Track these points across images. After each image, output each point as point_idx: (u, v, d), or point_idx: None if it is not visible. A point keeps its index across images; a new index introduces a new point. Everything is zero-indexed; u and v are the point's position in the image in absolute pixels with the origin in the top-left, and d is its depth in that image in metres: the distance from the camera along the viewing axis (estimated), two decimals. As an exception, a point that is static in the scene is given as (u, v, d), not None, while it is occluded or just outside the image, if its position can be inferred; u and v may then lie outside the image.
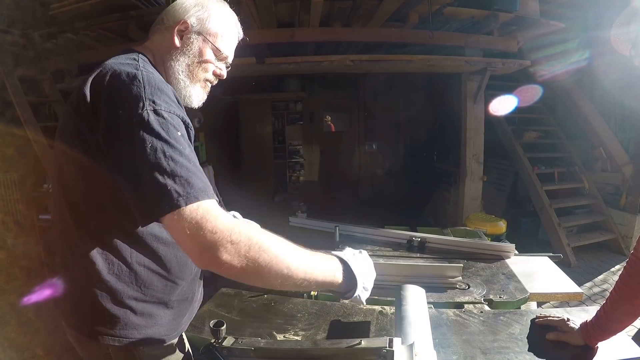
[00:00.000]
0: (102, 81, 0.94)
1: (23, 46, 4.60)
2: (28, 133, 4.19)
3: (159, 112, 0.89)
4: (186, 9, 1.13)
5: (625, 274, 1.18)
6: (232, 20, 1.21)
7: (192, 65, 1.13)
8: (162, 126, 0.88)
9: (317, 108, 8.46)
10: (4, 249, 4.28)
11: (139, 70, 0.95)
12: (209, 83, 1.19)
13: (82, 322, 1.07)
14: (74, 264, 1.05)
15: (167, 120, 0.89)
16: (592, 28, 4.87)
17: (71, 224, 1.03)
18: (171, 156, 0.85)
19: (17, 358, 2.91)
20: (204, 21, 1.12)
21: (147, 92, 0.90)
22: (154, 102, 0.89)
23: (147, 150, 0.85)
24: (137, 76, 0.93)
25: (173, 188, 0.83)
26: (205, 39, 1.13)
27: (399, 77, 7.17)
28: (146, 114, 0.87)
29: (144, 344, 1.07)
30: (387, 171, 8.58)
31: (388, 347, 1.06)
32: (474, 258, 2.28)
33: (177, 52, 1.12)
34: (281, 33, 4.53)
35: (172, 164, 0.85)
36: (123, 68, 0.95)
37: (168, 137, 0.87)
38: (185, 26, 1.11)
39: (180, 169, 0.85)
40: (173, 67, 1.11)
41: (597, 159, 5.71)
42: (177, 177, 0.84)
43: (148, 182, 0.84)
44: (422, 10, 4.34)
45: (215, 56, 1.16)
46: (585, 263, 4.90)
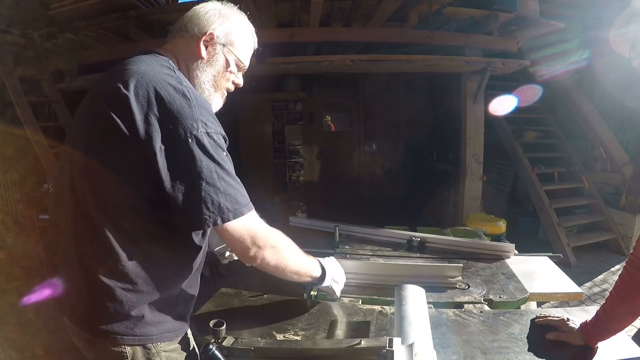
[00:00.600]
0: (149, 94, 0.99)
1: (23, 46, 4.60)
2: (28, 133, 4.20)
3: (210, 135, 1.00)
4: (211, 20, 1.17)
5: (625, 273, 1.18)
6: (252, 32, 1.28)
7: (217, 76, 1.19)
8: (214, 148, 1.00)
9: (317, 108, 8.45)
10: (4, 248, 4.28)
11: (183, 86, 1.02)
12: (227, 92, 1.27)
13: (97, 323, 1.05)
14: (89, 263, 1.04)
15: (216, 143, 1.01)
16: (591, 28, 4.87)
17: (91, 223, 1.03)
18: (222, 177, 1.00)
19: (17, 358, 2.91)
20: (228, 34, 1.19)
21: (198, 112, 0.99)
22: (206, 124, 1.00)
23: (203, 170, 0.98)
24: (185, 94, 1.01)
25: (225, 206, 1.00)
26: (229, 51, 1.20)
27: (399, 77, 7.16)
28: (201, 136, 0.98)
29: (160, 340, 1.10)
30: (386, 171, 8.57)
31: (388, 347, 1.06)
32: (474, 258, 2.28)
33: (203, 63, 1.17)
34: (281, 33, 4.53)
35: (223, 184, 1.00)
36: (167, 80, 1.02)
37: (219, 159, 1.01)
38: (211, 37, 1.16)
39: (229, 189, 1.02)
40: (200, 77, 1.17)
41: (597, 159, 5.71)
42: (227, 196, 1.01)
43: (201, 200, 0.98)
44: (422, 10, 4.34)
45: (237, 67, 1.24)
46: (585, 263, 4.90)
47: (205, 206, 0.98)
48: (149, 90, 0.99)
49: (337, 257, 1.80)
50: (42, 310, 3.03)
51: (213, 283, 1.83)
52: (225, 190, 1.00)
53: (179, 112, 0.97)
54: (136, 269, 1.03)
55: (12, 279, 3.89)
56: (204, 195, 0.98)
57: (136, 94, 0.98)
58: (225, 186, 1.00)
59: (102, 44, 4.79)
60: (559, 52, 5.30)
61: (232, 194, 1.02)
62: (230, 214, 1.01)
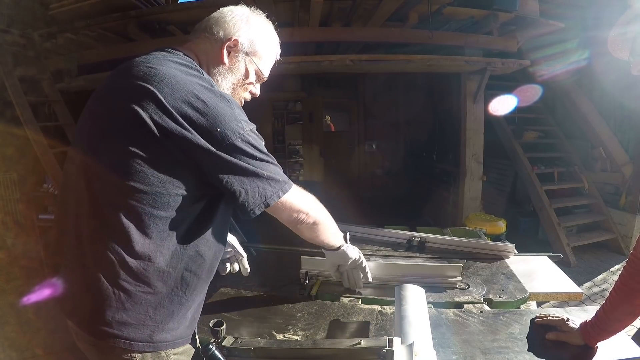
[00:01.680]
0: (183, 94, 0.97)
1: (23, 46, 4.60)
2: (28, 133, 4.20)
3: (254, 131, 1.06)
4: (237, 25, 1.15)
5: (624, 273, 1.18)
6: (276, 42, 1.27)
7: (236, 84, 1.18)
8: (258, 143, 1.06)
9: (317, 108, 8.45)
10: (3, 248, 4.28)
11: (215, 87, 1.04)
12: (243, 101, 1.25)
13: (105, 325, 1.00)
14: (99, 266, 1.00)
15: (258, 137, 1.08)
16: (591, 28, 4.87)
17: (101, 225, 1.00)
18: (266, 168, 1.07)
19: (17, 358, 2.91)
20: (253, 43, 1.17)
21: (238, 112, 1.04)
22: (248, 122, 1.06)
23: (253, 165, 1.04)
24: (224, 96, 1.03)
25: (269, 191, 1.08)
26: (251, 60, 1.18)
27: (399, 76, 7.17)
28: (247, 134, 1.03)
29: (172, 347, 1.07)
30: (386, 171, 8.59)
31: (388, 347, 1.06)
32: (474, 258, 2.28)
33: (224, 69, 1.15)
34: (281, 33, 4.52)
35: (269, 172, 1.08)
36: (200, 83, 1.01)
37: (264, 150, 1.08)
38: (235, 44, 1.14)
39: (276, 174, 1.10)
40: (219, 83, 1.15)
41: (596, 158, 5.71)
42: (272, 181, 1.08)
43: (257, 186, 1.06)
44: (422, 10, 4.34)
45: (257, 77, 1.22)
46: (585, 263, 4.90)
47: (270, 186, 1.08)
48: (184, 92, 0.97)
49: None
50: (42, 310, 3.03)
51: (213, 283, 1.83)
52: (271, 176, 1.08)
53: (221, 114, 0.99)
54: (157, 272, 1.01)
55: (12, 279, 3.89)
56: (259, 183, 1.06)
57: (168, 94, 0.96)
58: (269, 173, 1.08)
59: (102, 44, 4.79)
60: (558, 52, 5.30)
61: (275, 178, 1.09)
62: (275, 196, 1.09)
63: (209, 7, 4.11)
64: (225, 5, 1.22)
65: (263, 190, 1.07)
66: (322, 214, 1.36)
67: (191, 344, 1.15)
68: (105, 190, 1.00)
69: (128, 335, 1.00)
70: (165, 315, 1.04)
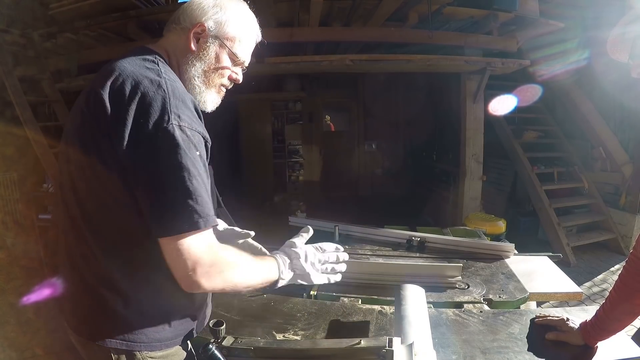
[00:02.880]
0: (123, 88, 0.92)
1: (23, 46, 4.60)
2: (28, 133, 4.20)
3: (183, 129, 0.90)
4: (204, 10, 1.09)
5: (624, 273, 1.18)
6: (251, 23, 1.18)
7: (208, 71, 1.10)
8: (185, 144, 0.90)
9: (317, 108, 8.46)
10: (3, 248, 4.28)
11: (162, 77, 0.95)
12: (224, 88, 1.17)
13: (85, 324, 1.04)
14: (80, 265, 1.02)
15: (189, 138, 0.91)
16: (591, 28, 4.87)
17: (80, 224, 1.00)
18: (190, 179, 0.89)
19: (16, 357, 2.91)
20: (221, 24, 1.09)
21: (172, 104, 0.91)
22: (179, 117, 0.91)
23: (170, 166, 0.88)
24: (161, 85, 0.93)
25: (194, 209, 0.89)
26: (222, 44, 1.10)
27: (399, 76, 7.16)
28: (172, 128, 0.89)
29: (148, 349, 1.05)
30: (386, 171, 8.58)
31: (387, 347, 1.06)
32: (474, 258, 2.28)
33: (193, 57, 1.08)
34: (281, 33, 4.53)
35: (194, 184, 0.89)
36: (145, 74, 0.95)
37: (190, 156, 0.90)
38: (202, 29, 1.08)
39: (201, 191, 0.90)
40: (189, 72, 1.09)
41: (596, 158, 5.71)
42: (199, 198, 0.90)
43: (170, 200, 0.88)
44: (422, 10, 4.34)
45: (232, 61, 1.14)
46: (585, 263, 4.90)
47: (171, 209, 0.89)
48: (125, 84, 0.92)
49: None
50: (42, 309, 3.03)
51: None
52: (195, 192, 0.90)
53: (150, 105, 0.90)
54: (119, 273, 0.99)
55: (11, 279, 3.89)
56: (171, 195, 0.89)
57: (111, 90, 0.92)
58: (195, 187, 0.90)
59: (102, 44, 4.79)
60: (558, 51, 5.30)
61: (198, 200, 0.90)
62: (202, 221, 0.90)
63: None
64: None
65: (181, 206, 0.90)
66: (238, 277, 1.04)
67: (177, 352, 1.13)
68: (70, 188, 1.01)
69: (101, 333, 1.01)
70: (138, 316, 1.02)
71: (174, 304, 1.07)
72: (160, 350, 1.07)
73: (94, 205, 0.99)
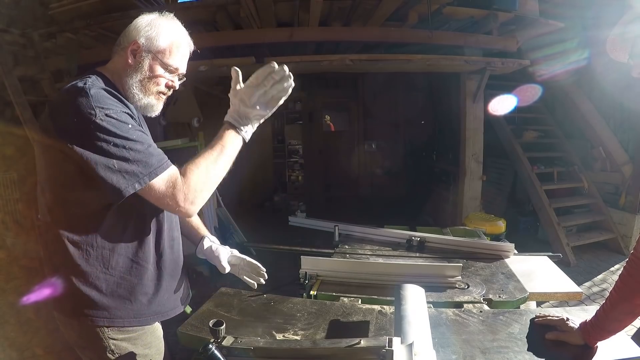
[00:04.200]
0: (58, 99, 1.18)
1: (22, 46, 4.59)
2: (27, 132, 4.19)
3: (110, 115, 1.09)
4: (138, 29, 1.28)
5: (625, 273, 1.18)
6: (181, 36, 1.32)
7: (143, 81, 1.26)
8: (116, 126, 1.09)
9: (317, 107, 8.46)
10: (3, 248, 4.28)
11: (87, 85, 1.12)
12: (162, 95, 1.32)
13: (60, 303, 1.24)
14: (53, 253, 1.23)
15: (118, 119, 1.11)
16: (591, 27, 4.87)
17: (48, 217, 1.22)
18: (130, 147, 1.10)
19: (16, 357, 2.91)
20: (152, 39, 1.26)
21: (94, 100, 1.09)
22: (103, 108, 1.09)
23: (111, 148, 1.08)
24: (85, 89, 1.10)
25: (138, 170, 1.10)
26: (154, 56, 1.26)
27: (399, 76, 7.16)
28: (99, 120, 1.08)
29: (111, 326, 1.23)
30: (386, 171, 8.58)
31: (387, 347, 1.06)
32: (474, 257, 2.28)
33: (130, 70, 1.26)
34: (280, 32, 4.53)
35: (132, 153, 1.10)
36: (72, 86, 1.14)
37: (124, 132, 1.10)
38: (136, 46, 1.25)
39: (139, 155, 1.10)
40: (128, 83, 1.26)
41: (596, 158, 5.71)
42: (139, 162, 1.10)
43: (118, 170, 1.08)
44: (422, 9, 4.34)
45: (165, 70, 1.29)
46: (585, 262, 4.90)
47: (121, 175, 1.08)
48: (58, 99, 1.19)
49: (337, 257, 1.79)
50: (42, 309, 3.02)
51: (213, 283, 1.83)
52: (136, 158, 1.10)
53: (77, 107, 1.08)
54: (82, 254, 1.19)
55: (11, 279, 3.89)
56: (118, 166, 1.08)
57: (51, 106, 1.18)
58: (135, 155, 1.10)
59: (102, 44, 4.78)
60: (558, 51, 5.29)
61: (143, 160, 1.11)
62: (146, 177, 1.10)
63: (209, 6, 4.13)
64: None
65: (129, 170, 1.10)
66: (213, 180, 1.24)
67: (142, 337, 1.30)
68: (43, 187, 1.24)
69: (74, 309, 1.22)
70: (93, 291, 1.20)
71: (132, 283, 1.25)
72: (124, 331, 1.25)
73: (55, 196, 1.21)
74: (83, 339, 1.26)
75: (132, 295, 1.25)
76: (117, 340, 1.24)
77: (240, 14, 4.08)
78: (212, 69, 4.37)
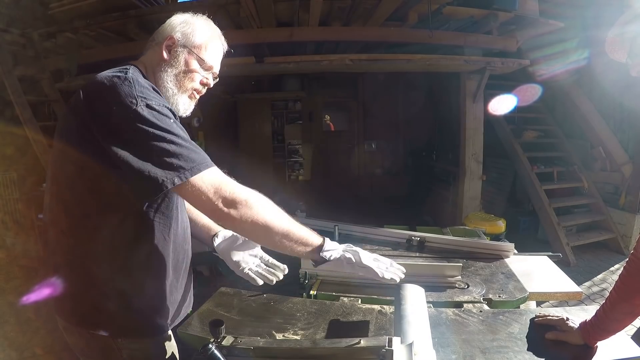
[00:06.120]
0: (96, 85, 1.07)
1: (22, 45, 4.59)
2: (27, 132, 4.20)
3: (151, 106, 1.04)
4: (173, 26, 1.27)
5: (625, 273, 1.18)
6: (216, 34, 1.33)
7: (179, 75, 1.24)
8: (157, 117, 1.03)
9: (316, 107, 8.46)
10: (3, 248, 4.28)
11: (128, 74, 1.09)
12: (196, 92, 1.31)
13: (67, 311, 1.20)
14: (57, 256, 1.20)
15: (160, 112, 1.05)
16: (591, 27, 4.87)
17: (59, 220, 1.17)
18: (173, 141, 1.03)
19: (16, 357, 2.91)
20: (188, 35, 1.25)
21: (137, 90, 1.05)
22: (145, 98, 1.04)
23: (150, 139, 1.01)
24: (127, 77, 1.06)
25: (179, 164, 1.02)
26: (190, 51, 1.25)
27: (399, 76, 7.17)
28: (141, 109, 1.02)
29: (122, 336, 1.17)
30: (386, 170, 8.58)
31: (387, 347, 1.06)
32: (473, 257, 2.28)
33: (165, 64, 1.23)
34: (280, 32, 4.53)
35: (174, 147, 1.02)
36: (114, 74, 1.09)
37: (166, 125, 1.04)
38: (172, 41, 1.24)
39: (182, 150, 1.03)
40: (162, 78, 1.23)
41: (596, 158, 5.71)
42: (181, 156, 1.03)
43: (157, 164, 1.01)
44: (421, 9, 4.34)
45: (201, 66, 1.27)
46: (585, 262, 4.90)
47: (161, 168, 1.01)
48: (96, 86, 1.07)
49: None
50: (42, 309, 3.03)
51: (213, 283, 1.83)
52: (177, 151, 1.03)
53: (118, 94, 1.03)
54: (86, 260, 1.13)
55: (11, 278, 3.89)
56: (157, 159, 1.01)
57: (87, 93, 1.07)
58: (176, 148, 1.03)
59: (102, 44, 4.79)
60: (558, 51, 5.30)
61: (185, 154, 1.04)
62: (187, 172, 1.03)
63: (209, 6, 4.13)
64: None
65: (168, 162, 1.02)
66: (271, 213, 1.15)
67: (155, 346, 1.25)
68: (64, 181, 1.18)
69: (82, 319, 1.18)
70: (105, 301, 1.15)
71: (144, 293, 1.19)
72: (137, 341, 1.21)
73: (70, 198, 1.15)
74: (91, 349, 1.20)
75: (143, 303, 1.20)
76: (131, 350, 1.19)
77: (240, 13, 4.08)
78: (212, 69, 4.36)
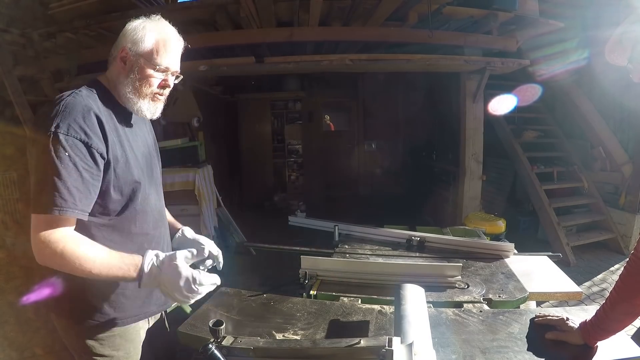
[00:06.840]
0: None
1: (22, 45, 4.59)
2: (27, 132, 4.19)
3: (57, 134, 1.10)
4: (125, 36, 1.30)
5: (625, 273, 1.18)
6: (167, 34, 1.34)
7: (135, 84, 1.28)
8: (55, 147, 1.10)
9: (316, 107, 8.46)
10: (3, 248, 4.28)
11: (71, 96, 1.18)
12: (158, 95, 1.34)
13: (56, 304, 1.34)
14: None
15: (60, 142, 1.10)
16: (591, 27, 4.87)
17: None
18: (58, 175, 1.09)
19: (16, 357, 2.91)
20: (138, 42, 1.28)
21: (61, 116, 1.13)
22: (58, 126, 1.11)
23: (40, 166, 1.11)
24: (59, 102, 1.16)
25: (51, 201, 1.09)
26: (142, 58, 1.28)
27: (398, 76, 7.16)
28: (49, 135, 1.10)
29: (89, 323, 1.29)
30: (386, 170, 8.57)
31: (387, 347, 1.06)
32: (473, 257, 2.28)
33: (122, 75, 1.29)
34: (280, 32, 4.53)
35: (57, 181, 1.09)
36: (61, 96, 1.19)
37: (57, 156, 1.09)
38: (125, 52, 1.28)
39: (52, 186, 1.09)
40: (123, 89, 1.29)
41: (596, 158, 5.71)
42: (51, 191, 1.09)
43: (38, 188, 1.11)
44: (421, 9, 4.33)
45: (155, 70, 1.30)
46: (585, 262, 4.90)
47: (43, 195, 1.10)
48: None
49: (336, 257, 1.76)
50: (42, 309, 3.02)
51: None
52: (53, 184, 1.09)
53: (43, 117, 1.15)
54: None
55: (11, 278, 3.89)
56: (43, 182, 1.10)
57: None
58: (54, 182, 1.09)
59: (102, 44, 4.77)
60: (558, 51, 5.30)
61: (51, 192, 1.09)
62: (39, 208, 1.10)
63: (209, 6, 4.12)
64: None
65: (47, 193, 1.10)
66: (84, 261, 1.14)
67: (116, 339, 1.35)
68: None
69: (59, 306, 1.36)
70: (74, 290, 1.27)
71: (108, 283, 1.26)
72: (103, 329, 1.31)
73: None
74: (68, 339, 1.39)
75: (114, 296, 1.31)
76: (92, 340, 1.32)
77: (240, 13, 4.08)
78: (212, 69, 4.36)
